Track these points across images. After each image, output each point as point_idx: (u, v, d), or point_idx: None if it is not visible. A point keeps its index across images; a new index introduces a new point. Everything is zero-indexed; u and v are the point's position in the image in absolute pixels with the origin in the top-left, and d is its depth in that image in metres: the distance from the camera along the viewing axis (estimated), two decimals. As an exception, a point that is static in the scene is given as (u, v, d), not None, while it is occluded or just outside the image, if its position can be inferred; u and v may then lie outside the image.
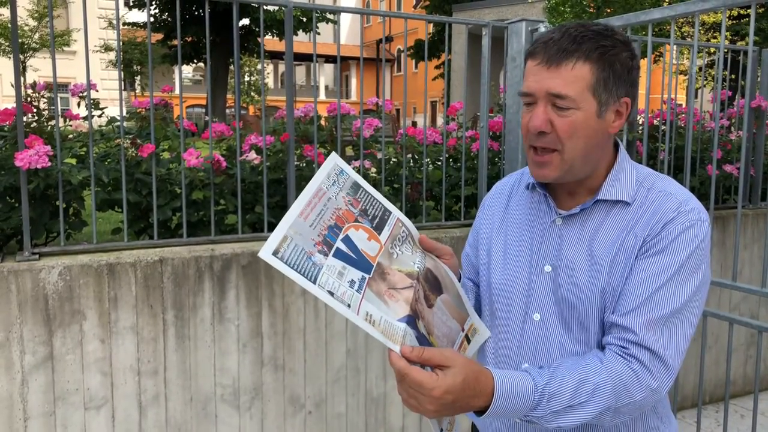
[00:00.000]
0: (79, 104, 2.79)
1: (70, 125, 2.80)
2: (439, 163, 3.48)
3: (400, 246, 1.17)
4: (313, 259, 1.01)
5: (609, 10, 14.59)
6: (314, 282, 0.98)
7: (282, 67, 40.18)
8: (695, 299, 1.15)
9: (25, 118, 2.54)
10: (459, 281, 1.29)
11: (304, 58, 23.86)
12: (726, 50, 4.18)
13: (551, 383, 1.07)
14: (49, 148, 2.41)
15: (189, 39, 20.96)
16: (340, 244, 1.07)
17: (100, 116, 2.87)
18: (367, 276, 1.07)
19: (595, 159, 1.23)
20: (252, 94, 33.62)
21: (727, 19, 2.11)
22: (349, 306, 0.99)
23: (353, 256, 1.07)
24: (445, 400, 1.00)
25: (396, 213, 1.21)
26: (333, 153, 1.15)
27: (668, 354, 1.12)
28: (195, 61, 22.90)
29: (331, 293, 0.98)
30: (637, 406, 1.11)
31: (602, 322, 1.20)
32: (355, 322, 0.99)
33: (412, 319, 1.07)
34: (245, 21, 21.76)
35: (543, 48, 1.17)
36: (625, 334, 1.13)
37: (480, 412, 1.06)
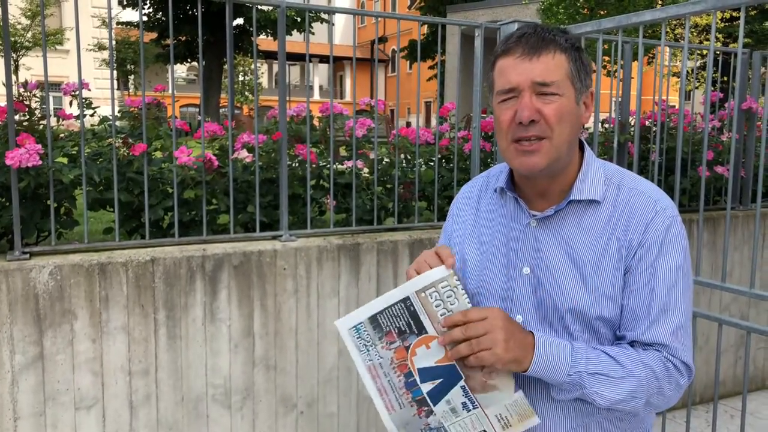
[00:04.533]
0: (71, 103, 2.78)
1: (62, 124, 2.79)
2: (432, 163, 3.49)
3: (445, 303, 1.13)
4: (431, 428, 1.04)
5: (602, 12, 14.62)
6: None
7: (276, 67, 40.12)
8: (692, 295, 1.24)
9: (16, 117, 2.53)
10: None
11: (298, 57, 23.81)
12: (717, 52, 4.20)
13: (582, 348, 1.16)
14: (40, 146, 2.40)
15: (182, 38, 20.90)
16: (423, 386, 1.07)
17: (92, 115, 2.86)
18: (461, 380, 1.07)
19: (573, 150, 1.26)
20: (246, 93, 33.55)
21: (719, 22, 2.13)
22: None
23: (437, 380, 1.07)
24: (508, 322, 1.13)
25: (405, 293, 1.13)
26: (336, 323, 1.12)
27: (689, 355, 1.20)
28: (189, 60, 22.85)
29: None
30: (667, 399, 1.19)
31: (588, 326, 1.21)
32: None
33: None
34: (239, 21, 21.71)
35: (519, 42, 1.20)
36: (657, 347, 1.19)
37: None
